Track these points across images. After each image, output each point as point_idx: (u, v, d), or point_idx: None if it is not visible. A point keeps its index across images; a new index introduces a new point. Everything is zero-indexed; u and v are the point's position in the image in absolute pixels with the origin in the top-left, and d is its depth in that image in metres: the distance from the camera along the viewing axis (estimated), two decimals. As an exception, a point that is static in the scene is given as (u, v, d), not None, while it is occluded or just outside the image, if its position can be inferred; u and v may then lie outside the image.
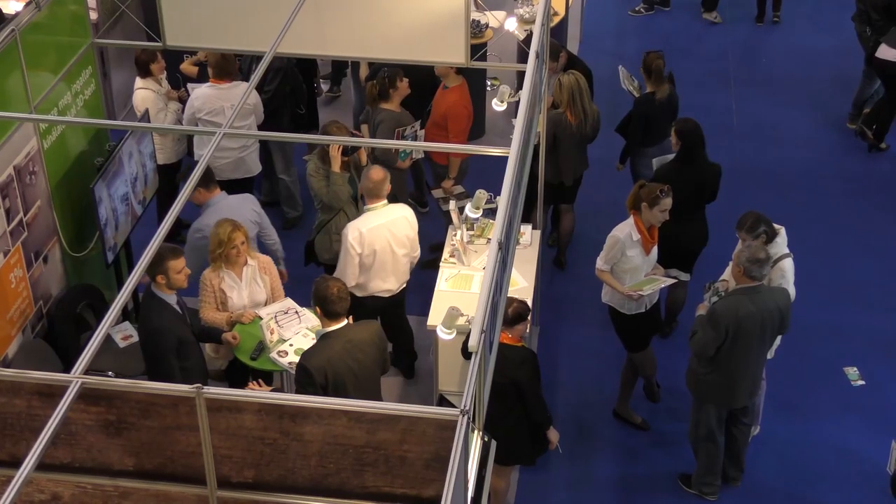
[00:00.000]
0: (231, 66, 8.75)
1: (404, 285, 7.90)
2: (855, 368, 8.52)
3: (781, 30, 13.29)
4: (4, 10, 9.99)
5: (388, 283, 7.72)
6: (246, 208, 7.84)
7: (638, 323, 7.76)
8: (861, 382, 8.43)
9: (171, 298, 6.81)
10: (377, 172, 7.53)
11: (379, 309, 7.77)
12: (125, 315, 8.04)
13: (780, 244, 7.31)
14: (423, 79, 9.26)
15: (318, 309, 6.47)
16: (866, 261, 9.65)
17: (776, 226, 7.33)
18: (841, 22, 12.35)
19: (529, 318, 6.88)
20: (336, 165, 7.96)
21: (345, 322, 6.45)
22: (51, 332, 7.45)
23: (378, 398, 6.66)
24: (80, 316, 7.66)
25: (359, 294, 7.58)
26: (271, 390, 6.56)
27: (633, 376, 8.10)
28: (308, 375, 6.27)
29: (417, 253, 7.91)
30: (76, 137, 7.78)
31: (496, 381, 5.75)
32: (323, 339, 6.46)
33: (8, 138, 6.85)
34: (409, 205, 9.24)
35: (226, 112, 8.59)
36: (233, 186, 8.90)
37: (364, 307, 7.50)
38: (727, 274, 7.08)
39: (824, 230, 9.89)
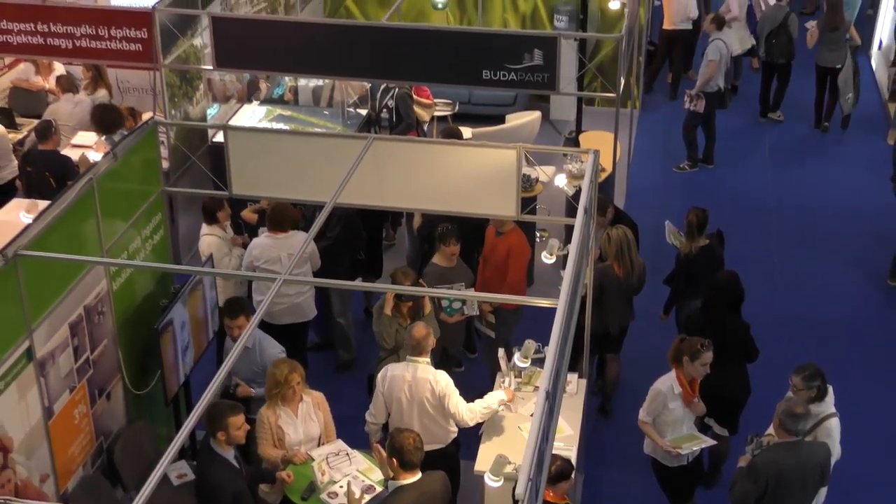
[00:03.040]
0: (286, 219, 8.90)
1: (439, 448, 7.52)
2: (901, 525, 8.30)
3: (824, 188, 13.35)
4: (84, 159, 10.33)
5: None
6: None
7: (680, 476, 7.64)
8: (907, 540, 8.19)
9: (228, 454, 6.85)
10: (419, 330, 7.47)
11: None
12: (180, 453, 8.05)
13: (828, 402, 7.21)
14: (470, 229, 9.35)
15: (394, 460, 6.39)
16: (910, 417, 9.46)
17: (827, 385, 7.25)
18: (880, 182, 12.43)
19: (573, 476, 6.78)
20: (388, 308, 8.10)
21: (419, 475, 6.41)
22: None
23: None
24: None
25: None
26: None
27: (678, 527, 7.93)
28: None
29: (461, 420, 7.48)
30: (144, 280, 7.93)
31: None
32: (398, 491, 6.39)
33: (80, 280, 7.01)
34: (456, 355, 9.31)
35: (282, 261, 8.74)
36: (288, 331, 8.95)
37: None
38: (771, 428, 6.98)
39: (867, 385, 9.72)
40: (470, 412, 7.47)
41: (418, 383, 7.39)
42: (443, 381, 7.42)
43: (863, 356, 10.22)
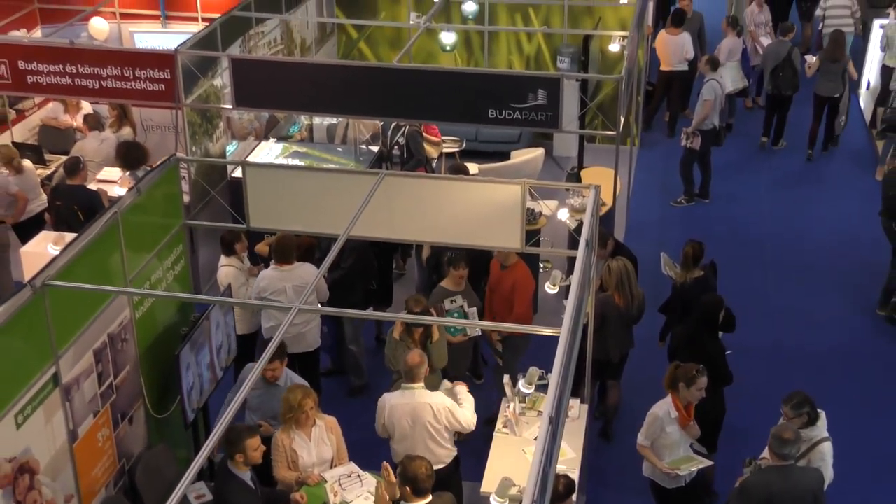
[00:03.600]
0: (291, 251, 8.89)
1: (441, 468, 7.47)
2: (892, 548, 8.23)
3: (816, 221, 13.37)
4: (109, 194, 10.40)
5: None
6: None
7: (678, 497, 7.61)
8: (899, 562, 8.13)
9: (245, 475, 6.87)
10: (413, 357, 7.50)
11: None
12: (199, 474, 8.04)
13: (820, 427, 7.19)
14: (477, 259, 9.38)
15: (407, 489, 6.39)
16: (901, 442, 9.41)
17: (818, 410, 7.23)
18: (870, 216, 12.42)
19: (575, 494, 6.80)
20: (396, 332, 8.19)
21: (430, 498, 6.42)
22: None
23: None
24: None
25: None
26: None
27: (676, 547, 7.89)
28: None
29: (471, 427, 7.62)
30: (165, 309, 7.96)
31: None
32: None
33: (104, 308, 7.04)
34: (463, 378, 9.30)
35: (287, 292, 8.74)
36: (292, 360, 8.94)
37: None
38: (766, 452, 6.97)
39: (860, 412, 9.68)
40: (472, 415, 7.56)
41: (418, 408, 7.40)
42: (441, 401, 7.44)
43: (853, 383, 10.19)
